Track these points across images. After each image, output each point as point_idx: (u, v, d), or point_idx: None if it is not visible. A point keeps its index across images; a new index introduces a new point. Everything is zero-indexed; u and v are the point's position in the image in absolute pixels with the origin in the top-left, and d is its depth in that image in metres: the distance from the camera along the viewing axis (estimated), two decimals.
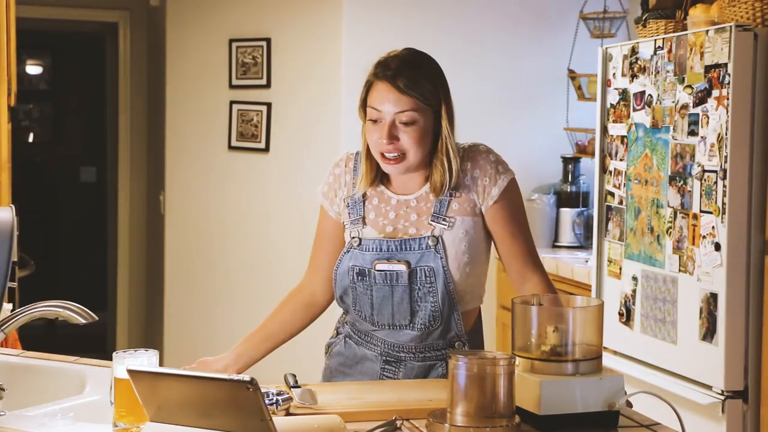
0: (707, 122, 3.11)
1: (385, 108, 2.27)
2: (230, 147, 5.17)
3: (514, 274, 2.39)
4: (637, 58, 3.51)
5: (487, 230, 2.37)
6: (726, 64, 3.03)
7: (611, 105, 3.67)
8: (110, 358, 1.93)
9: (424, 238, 2.31)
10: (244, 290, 5.17)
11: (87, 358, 2.44)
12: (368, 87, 2.33)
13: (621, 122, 3.61)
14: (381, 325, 2.35)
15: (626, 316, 3.55)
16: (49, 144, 8.51)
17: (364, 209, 2.37)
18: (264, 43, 5.03)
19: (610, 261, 3.68)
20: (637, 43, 3.53)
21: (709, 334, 3.11)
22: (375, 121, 2.29)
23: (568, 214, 4.78)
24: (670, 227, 3.29)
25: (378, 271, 2.31)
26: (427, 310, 2.31)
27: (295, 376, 2.13)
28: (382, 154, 2.29)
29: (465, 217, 2.33)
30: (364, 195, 2.38)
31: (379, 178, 2.39)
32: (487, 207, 2.34)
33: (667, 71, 3.32)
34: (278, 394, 1.95)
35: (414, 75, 2.29)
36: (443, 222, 2.31)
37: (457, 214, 2.32)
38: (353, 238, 2.36)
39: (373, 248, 2.33)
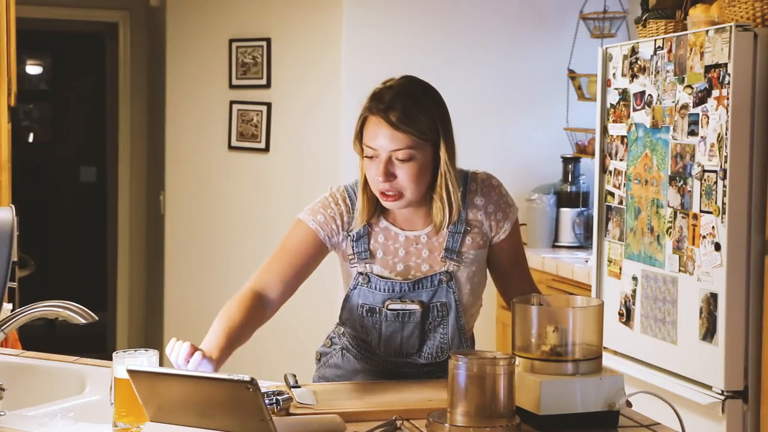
0: (707, 122, 3.11)
1: (380, 144, 2.16)
2: (230, 147, 5.17)
3: (513, 293, 2.32)
4: (637, 58, 3.51)
5: (488, 258, 2.36)
6: (726, 64, 3.03)
7: (611, 105, 3.67)
8: (110, 358, 1.93)
9: (437, 274, 2.27)
10: None
11: (87, 358, 2.44)
12: (362, 121, 2.21)
13: (621, 122, 3.61)
14: (388, 353, 2.32)
15: (626, 316, 3.54)
16: (49, 144, 8.51)
17: (370, 245, 2.28)
18: (264, 43, 5.03)
19: (610, 261, 3.68)
20: (637, 43, 3.52)
21: (709, 334, 3.11)
22: (371, 158, 2.19)
23: (568, 214, 4.78)
24: (670, 227, 3.28)
25: (390, 310, 2.27)
26: (436, 340, 2.30)
27: (295, 376, 2.13)
28: (381, 192, 2.20)
29: (477, 251, 2.30)
30: (370, 229, 2.28)
31: (379, 211, 2.28)
32: (498, 239, 2.33)
33: (667, 71, 3.32)
34: (278, 394, 1.95)
35: (408, 108, 2.15)
36: (457, 259, 2.27)
37: (470, 248, 2.29)
38: (361, 274, 2.28)
39: (384, 288, 2.26)
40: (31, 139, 8.52)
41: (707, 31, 3.13)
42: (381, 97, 2.17)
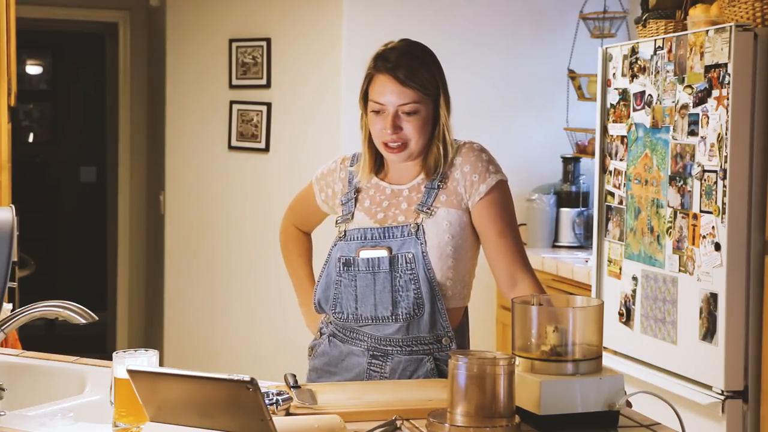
0: (707, 122, 3.11)
1: (388, 100, 2.33)
2: (230, 147, 5.17)
3: (502, 274, 2.37)
4: (637, 58, 3.51)
5: (474, 229, 2.37)
6: (726, 64, 3.03)
7: (611, 105, 3.67)
8: (110, 358, 1.93)
9: (407, 225, 2.35)
10: (243, 290, 5.17)
11: (87, 358, 2.44)
12: (369, 80, 2.38)
13: (621, 122, 3.61)
14: (365, 319, 2.35)
15: (626, 316, 3.55)
16: (49, 144, 8.51)
17: (356, 203, 2.42)
18: (264, 43, 5.03)
19: (610, 261, 3.68)
20: (637, 43, 3.53)
21: (709, 334, 3.11)
22: (377, 112, 2.34)
23: (568, 214, 4.78)
24: (670, 227, 3.29)
25: (362, 258, 2.34)
26: (410, 299, 2.31)
27: (295, 376, 2.13)
28: (386, 144, 2.35)
29: (450, 209, 2.35)
30: (358, 191, 2.43)
31: (377, 168, 2.45)
32: (473, 203, 2.36)
33: (667, 71, 3.32)
34: (278, 394, 1.95)
35: (413, 66, 2.34)
36: (426, 211, 2.35)
37: (443, 205, 2.36)
38: (340, 231, 2.41)
39: (358, 237, 2.37)
40: (31, 139, 8.52)
41: (707, 31, 3.13)
42: (387, 57, 2.35)
